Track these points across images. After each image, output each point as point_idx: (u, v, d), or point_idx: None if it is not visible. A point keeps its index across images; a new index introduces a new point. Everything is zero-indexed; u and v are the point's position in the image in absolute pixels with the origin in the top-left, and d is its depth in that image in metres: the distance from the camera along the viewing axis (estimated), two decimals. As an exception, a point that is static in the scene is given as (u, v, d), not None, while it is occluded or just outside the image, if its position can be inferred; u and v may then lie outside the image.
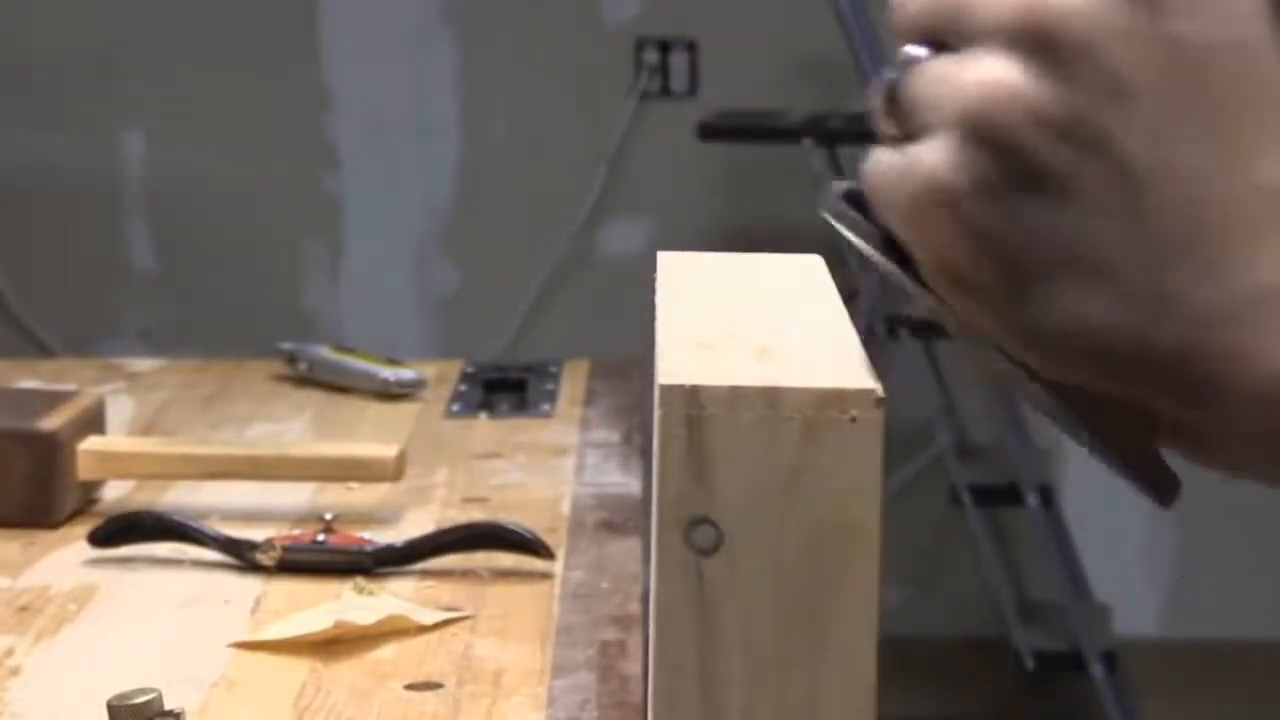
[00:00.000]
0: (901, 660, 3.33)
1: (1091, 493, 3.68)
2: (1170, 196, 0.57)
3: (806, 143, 3.51)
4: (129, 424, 1.66)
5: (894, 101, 0.60)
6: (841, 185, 0.63)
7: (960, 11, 0.58)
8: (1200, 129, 0.57)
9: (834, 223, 0.63)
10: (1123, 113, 0.57)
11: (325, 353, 1.82)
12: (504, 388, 1.80)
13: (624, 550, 1.35)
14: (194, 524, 1.32)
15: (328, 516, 1.35)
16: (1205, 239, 0.57)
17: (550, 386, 1.80)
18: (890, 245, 0.61)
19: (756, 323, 0.70)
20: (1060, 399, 0.62)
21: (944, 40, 0.59)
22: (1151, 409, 0.60)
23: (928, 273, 0.60)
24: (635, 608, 1.23)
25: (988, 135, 0.57)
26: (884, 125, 0.60)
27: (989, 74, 0.57)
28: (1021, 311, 0.58)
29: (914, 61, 0.59)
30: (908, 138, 0.59)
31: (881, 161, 0.59)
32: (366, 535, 1.32)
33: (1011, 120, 0.57)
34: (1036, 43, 0.57)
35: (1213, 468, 0.63)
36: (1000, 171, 0.57)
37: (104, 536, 1.31)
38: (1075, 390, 0.61)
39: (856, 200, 0.61)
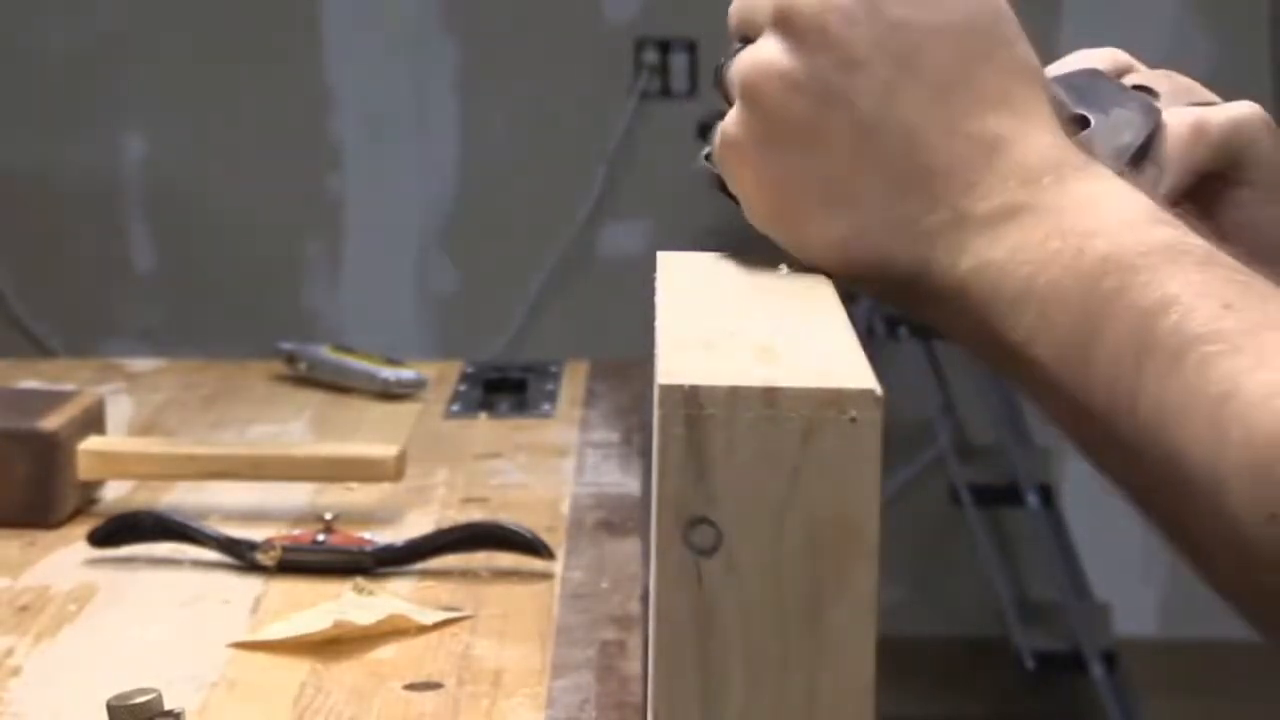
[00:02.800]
0: (901, 660, 3.32)
1: (1091, 493, 3.68)
2: (897, 143, 0.73)
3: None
4: (129, 424, 1.66)
5: (721, 84, 0.77)
6: (704, 149, 0.79)
7: (753, 12, 0.76)
8: (919, 92, 0.73)
9: (700, 175, 0.79)
10: (854, 78, 0.73)
11: (325, 353, 1.82)
12: (504, 388, 1.80)
13: (624, 550, 1.35)
14: (194, 524, 1.32)
15: (328, 516, 1.35)
16: (921, 171, 0.73)
17: (550, 386, 1.80)
18: (729, 193, 0.78)
19: (756, 323, 0.71)
20: None
21: (746, 35, 0.76)
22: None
23: (742, 207, 0.77)
24: (635, 608, 1.23)
25: (754, 97, 0.74)
26: (720, 100, 0.78)
27: (756, 52, 0.75)
28: (798, 234, 0.76)
29: (733, 51, 0.77)
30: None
31: (720, 128, 0.77)
32: (366, 535, 1.32)
33: (768, 84, 0.74)
34: (785, 26, 0.74)
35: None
36: (765, 125, 0.74)
37: (104, 536, 1.31)
38: None
39: (709, 158, 0.79)
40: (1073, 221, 0.71)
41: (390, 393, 1.76)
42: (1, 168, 3.84)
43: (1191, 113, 0.85)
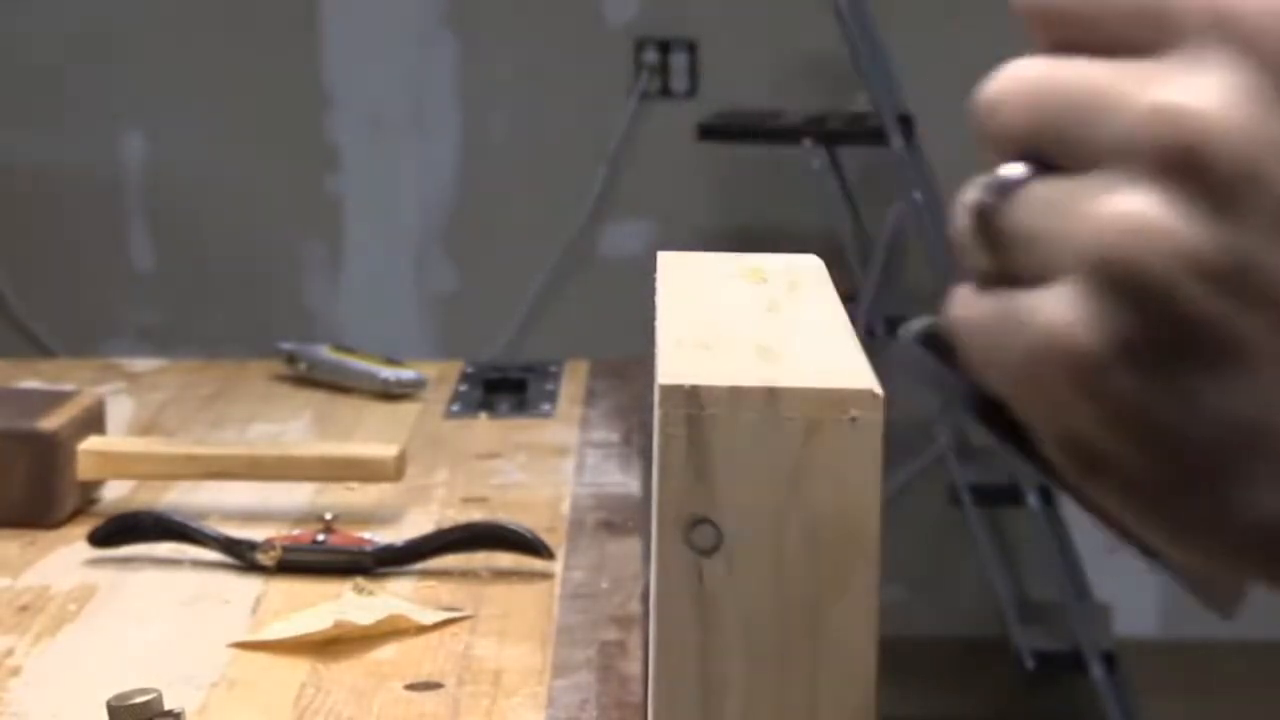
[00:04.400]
0: (901, 660, 3.33)
1: (1091, 493, 3.68)
2: None
3: (806, 143, 3.52)
4: (129, 424, 1.66)
5: (991, 230, 0.48)
6: (916, 325, 0.52)
7: (1082, 123, 0.46)
8: None
9: (903, 372, 0.52)
10: None
11: (325, 353, 1.82)
12: (504, 388, 1.80)
13: (624, 550, 1.34)
14: (194, 524, 1.32)
15: (328, 516, 1.35)
16: None
17: (550, 386, 1.80)
18: (986, 405, 0.50)
19: (756, 323, 0.70)
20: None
21: (1055, 158, 0.47)
22: None
23: (1049, 447, 0.49)
24: (635, 608, 1.23)
25: (1130, 286, 0.45)
26: (975, 258, 0.49)
27: (1128, 208, 0.45)
28: (1184, 503, 0.47)
29: (1014, 183, 0.48)
30: (1012, 278, 0.48)
31: (976, 306, 0.48)
32: (366, 535, 1.31)
33: (1161, 268, 0.45)
34: (1188, 168, 0.45)
35: None
36: (1147, 332, 0.46)
37: (104, 536, 1.31)
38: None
39: (935, 343, 0.51)
40: None
41: (390, 393, 1.76)
42: (1, 166, 3.84)
43: None
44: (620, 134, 3.85)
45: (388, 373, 1.77)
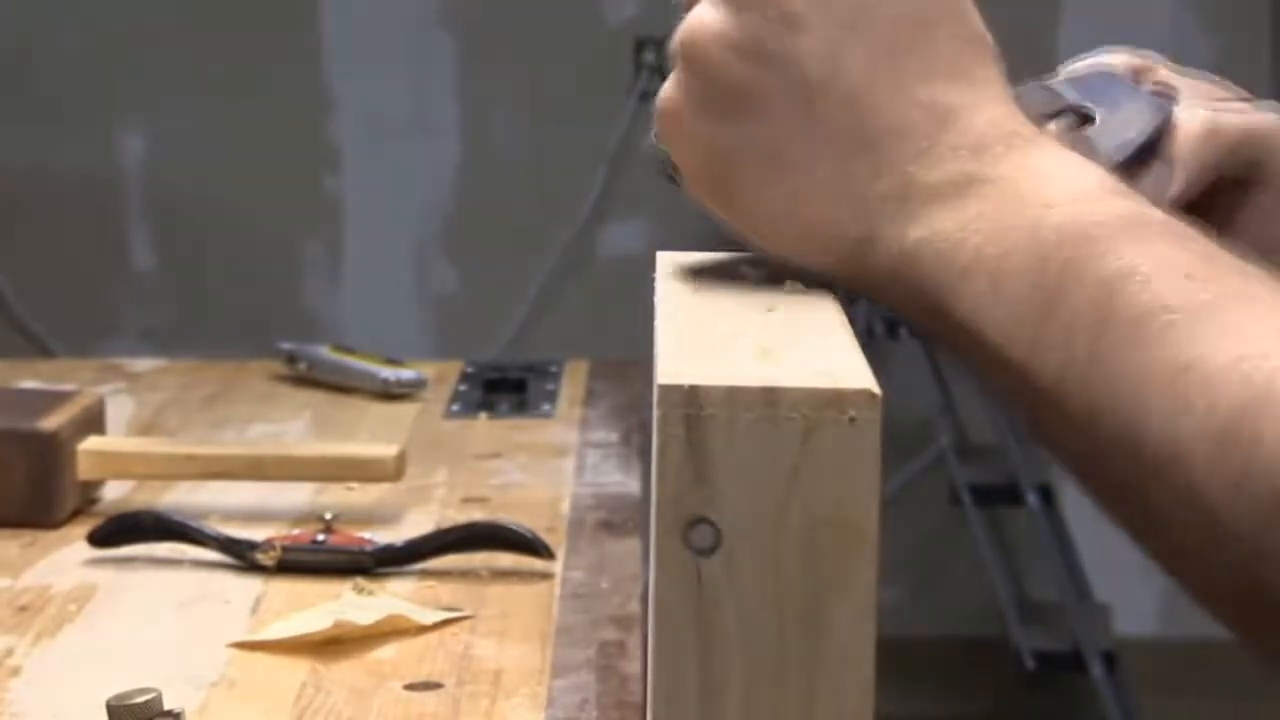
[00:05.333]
0: (901, 660, 3.32)
1: (1091, 493, 3.68)
2: (843, 106, 0.71)
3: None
4: (129, 424, 1.66)
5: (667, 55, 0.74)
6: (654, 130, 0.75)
7: None
8: (867, 54, 0.71)
9: (652, 156, 0.75)
10: (796, 37, 0.71)
11: (325, 353, 1.82)
12: (504, 388, 1.80)
13: (624, 550, 1.35)
14: (194, 524, 1.32)
15: (328, 516, 1.35)
16: (868, 138, 0.71)
17: (550, 386, 1.80)
18: (674, 170, 0.75)
19: (756, 323, 0.71)
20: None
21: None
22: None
23: (684, 182, 0.74)
24: (635, 608, 1.23)
25: (690, 60, 0.72)
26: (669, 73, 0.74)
27: (694, 14, 0.72)
28: (738, 204, 0.73)
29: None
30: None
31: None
32: (366, 535, 1.32)
33: (704, 46, 0.72)
34: None
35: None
36: (701, 89, 0.72)
37: (104, 536, 1.31)
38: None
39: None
40: (1026, 192, 0.69)
41: (390, 393, 1.76)
42: (1, 167, 3.84)
43: (1207, 114, 0.84)
44: (620, 134, 3.85)
45: (388, 373, 1.77)
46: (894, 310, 0.73)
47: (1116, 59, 0.87)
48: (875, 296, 0.73)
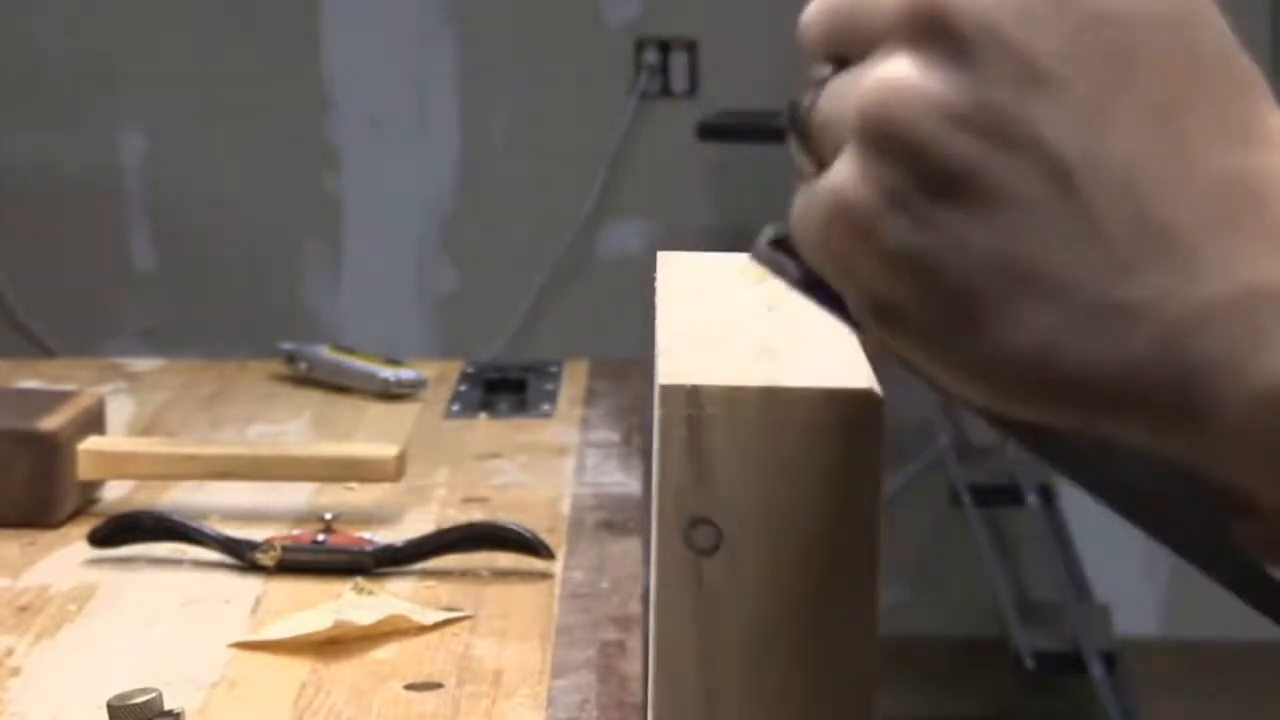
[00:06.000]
0: (901, 660, 3.33)
1: (1091, 493, 3.68)
2: (1112, 192, 0.50)
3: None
4: (129, 424, 1.66)
5: (803, 127, 0.54)
6: (770, 230, 0.56)
7: (858, 19, 0.53)
8: (1136, 116, 0.50)
9: (764, 268, 0.57)
10: (1040, 100, 0.50)
11: (325, 353, 1.82)
12: (504, 388, 1.80)
13: (624, 550, 1.35)
14: (194, 524, 1.32)
15: (328, 516, 1.35)
16: (1166, 239, 0.50)
17: (550, 386, 1.80)
18: (821, 288, 0.55)
19: (756, 323, 0.70)
20: (1127, 495, 0.56)
21: (847, 53, 0.53)
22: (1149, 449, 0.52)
23: (855, 309, 0.53)
24: (635, 608, 1.23)
25: (888, 139, 0.51)
26: (799, 158, 0.54)
27: (883, 73, 0.51)
28: (958, 342, 0.51)
29: (819, 83, 0.54)
30: (821, 166, 0.53)
31: (799, 197, 0.54)
32: (366, 535, 1.32)
33: (910, 119, 0.50)
34: (930, 32, 0.51)
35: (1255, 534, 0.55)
36: (908, 178, 0.51)
37: (104, 536, 1.31)
38: (1140, 480, 0.55)
39: (785, 245, 0.56)
40: None
41: (390, 393, 1.76)
42: (1, 166, 3.84)
43: None
44: (620, 134, 3.85)
45: (388, 373, 1.77)
46: (1209, 475, 0.52)
47: None
48: (1173, 458, 0.52)
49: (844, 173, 0.52)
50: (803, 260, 0.55)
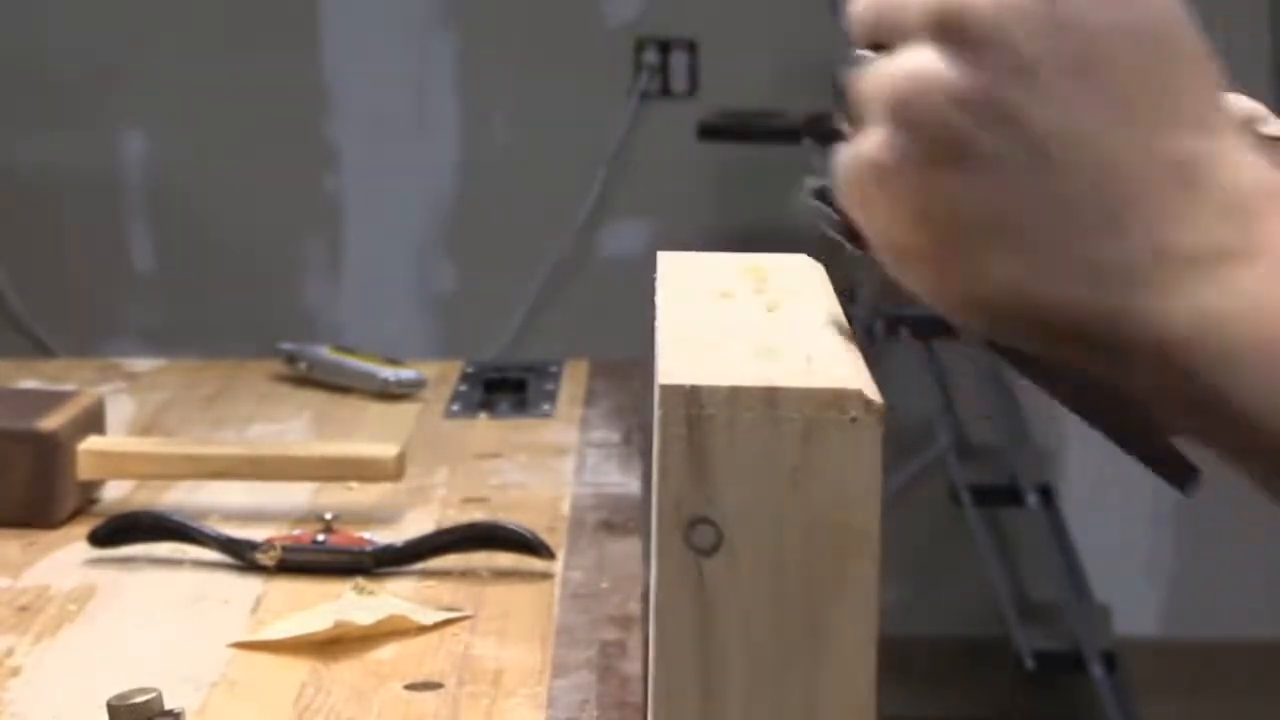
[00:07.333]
0: (901, 660, 3.33)
1: (1091, 493, 3.68)
2: (1075, 161, 0.63)
3: (806, 143, 3.52)
4: (129, 424, 1.66)
5: (847, 99, 0.67)
6: (812, 181, 0.69)
7: (893, 13, 0.66)
8: (1101, 102, 0.63)
9: (807, 216, 0.69)
10: (1027, 88, 0.63)
11: (325, 353, 1.82)
12: (504, 388, 1.80)
13: (624, 550, 1.35)
14: (194, 524, 1.32)
15: (328, 516, 1.35)
16: (1109, 200, 0.63)
17: (550, 386, 1.80)
18: (853, 234, 0.67)
19: (756, 323, 0.71)
20: (1068, 392, 0.68)
21: (884, 41, 0.66)
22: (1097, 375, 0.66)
23: (877, 249, 0.66)
24: (635, 608, 1.23)
25: (910, 116, 0.64)
26: (842, 123, 0.67)
27: (910, 63, 0.64)
28: (954, 278, 0.64)
29: (861, 63, 0.66)
30: (859, 132, 0.66)
31: (839, 154, 0.66)
32: (366, 535, 1.32)
33: (929, 100, 0.63)
34: (949, 32, 0.63)
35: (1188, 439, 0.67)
36: (922, 147, 0.64)
37: (104, 536, 1.31)
38: (1078, 381, 0.67)
39: (824, 195, 0.68)
40: None
41: (390, 392, 1.76)
42: (1, 166, 3.84)
43: None
44: (620, 134, 3.85)
45: (388, 373, 1.77)
46: (1142, 399, 0.65)
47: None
48: (1111, 380, 0.65)
49: (873, 138, 0.65)
50: (838, 208, 0.67)
